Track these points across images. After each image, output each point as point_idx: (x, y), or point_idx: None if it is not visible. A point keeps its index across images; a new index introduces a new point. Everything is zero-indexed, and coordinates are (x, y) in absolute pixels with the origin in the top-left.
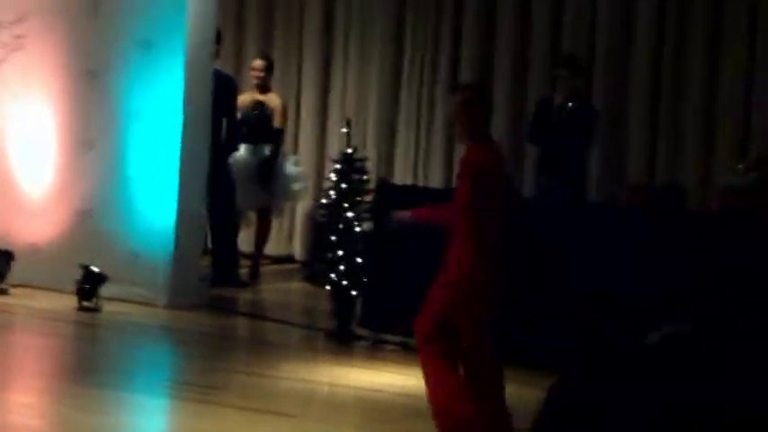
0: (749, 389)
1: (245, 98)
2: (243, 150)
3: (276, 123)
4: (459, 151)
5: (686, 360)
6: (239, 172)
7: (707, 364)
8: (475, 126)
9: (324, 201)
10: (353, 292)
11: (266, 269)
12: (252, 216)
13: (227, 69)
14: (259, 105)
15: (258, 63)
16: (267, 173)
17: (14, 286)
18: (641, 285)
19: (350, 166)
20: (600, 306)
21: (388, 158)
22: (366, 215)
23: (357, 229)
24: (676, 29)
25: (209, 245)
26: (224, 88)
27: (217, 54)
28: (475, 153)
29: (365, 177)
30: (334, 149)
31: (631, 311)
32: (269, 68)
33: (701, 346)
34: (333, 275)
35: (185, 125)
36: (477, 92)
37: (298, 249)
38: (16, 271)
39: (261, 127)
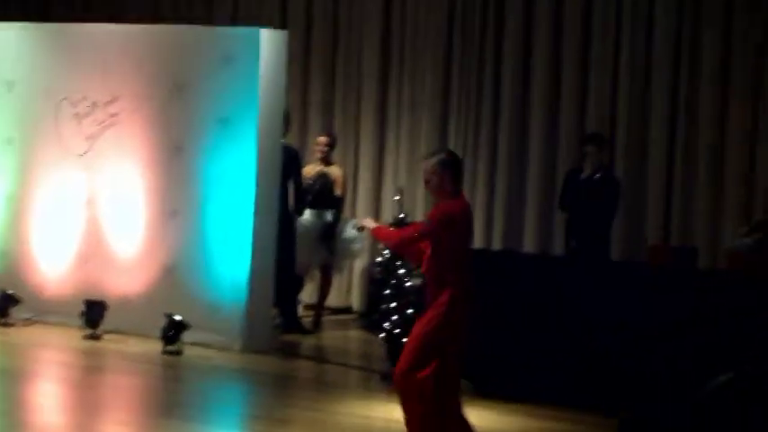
0: None
1: (309, 169)
2: (308, 215)
3: (337, 192)
4: (498, 213)
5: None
6: (305, 233)
7: None
8: (446, 186)
9: (379, 259)
10: (404, 340)
11: (327, 319)
12: (315, 272)
13: (294, 144)
14: (323, 176)
15: (322, 139)
16: (329, 234)
17: (107, 332)
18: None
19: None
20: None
21: None
22: (415, 272)
23: (407, 283)
24: (687, 99)
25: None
26: (291, 160)
27: (286, 132)
28: (446, 206)
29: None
30: (387, 214)
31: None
32: (331, 144)
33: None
34: (386, 324)
35: (257, 192)
36: (451, 157)
37: (355, 301)
38: (109, 319)
39: (324, 194)
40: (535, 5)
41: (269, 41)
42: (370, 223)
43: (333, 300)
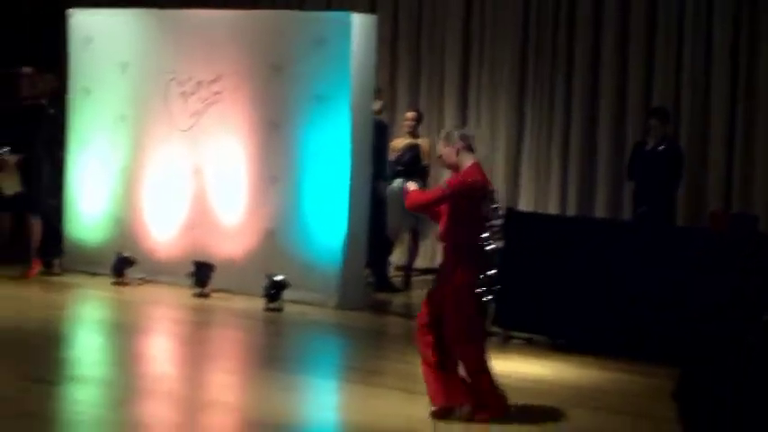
0: None
1: (398, 142)
2: (398, 183)
3: (425, 161)
4: (572, 183)
5: None
6: (395, 200)
7: None
8: (455, 159)
9: None
10: (487, 298)
11: (416, 279)
12: (405, 236)
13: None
14: (412, 147)
15: (410, 114)
16: None
17: (215, 291)
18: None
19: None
20: None
21: (514, 189)
22: (497, 236)
23: (490, 246)
24: (747, 80)
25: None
26: (381, 133)
27: (380, 108)
28: (465, 174)
29: (496, 206)
30: None
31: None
32: (418, 119)
33: None
34: None
35: (351, 162)
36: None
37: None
38: (216, 279)
39: (412, 164)
40: None
41: (360, 25)
42: (411, 186)
43: (420, 261)
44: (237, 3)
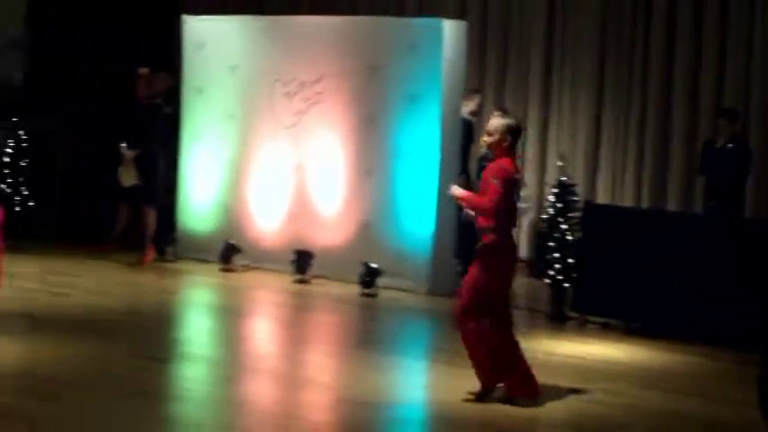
0: None
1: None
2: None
3: None
4: (646, 178)
5: None
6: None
7: None
8: (504, 147)
9: (544, 216)
10: (566, 285)
11: None
12: None
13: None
14: None
15: (497, 113)
16: None
17: (314, 278)
18: None
19: (564, 190)
20: None
21: (592, 184)
22: (576, 227)
23: (569, 237)
24: None
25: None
26: (468, 130)
27: (477, 108)
28: (507, 164)
29: (575, 198)
30: (551, 177)
31: None
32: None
33: None
34: (551, 272)
35: (441, 158)
36: (516, 126)
37: (524, 252)
38: (315, 266)
39: None
40: None
41: (450, 30)
42: (456, 191)
43: None
44: (338, 9)
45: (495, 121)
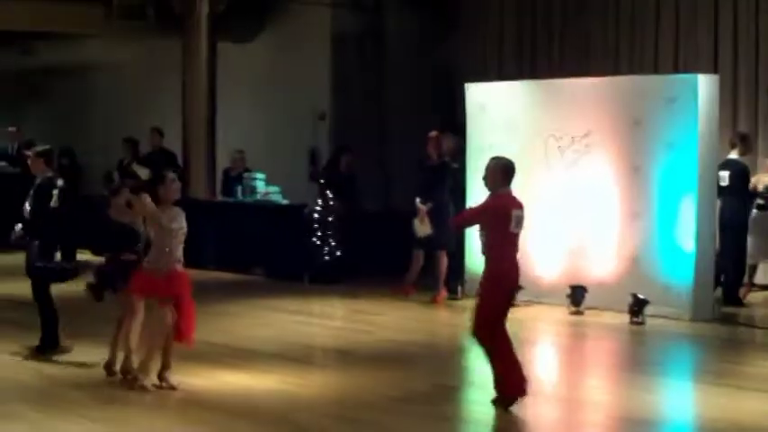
0: None
1: (759, 178)
2: (755, 213)
3: None
4: None
5: None
6: (757, 228)
7: None
8: (495, 184)
9: None
10: None
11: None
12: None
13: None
14: None
15: None
16: None
17: (588, 309)
18: None
19: None
20: None
21: None
22: None
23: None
24: None
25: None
26: (741, 172)
27: (743, 151)
28: (495, 199)
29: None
30: None
31: None
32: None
33: None
34: None
35: (698, 199)
36: (506, 165)
37: None
38: (588, 299)
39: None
40: None
41: (705, 84)
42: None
43: (762, 277)
44: (601, 71)
45: (488, 164)
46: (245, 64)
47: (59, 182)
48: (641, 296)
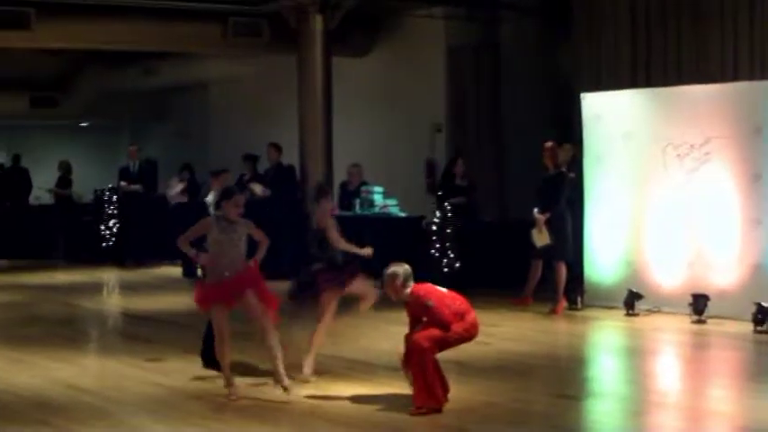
0: None
1: None
2: None
3: None
4: None
5: None
6: None
7: None
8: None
9: None
10: None
11: None
12: None
13: None
14: None
15: None
16: None
17: (709, 318)
18: None
19: None
20: None
21: None
22: None
23: None
24: None
25: None
26: None
27: None
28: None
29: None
30: None
31: None
32: None
33: None
34: None
35: None
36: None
37: None
38: (710, 307)
39: None
40: None
41: None
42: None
43: None
44: (720, 78)
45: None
46: (361, 77)
47: None
48: (765, 304)
